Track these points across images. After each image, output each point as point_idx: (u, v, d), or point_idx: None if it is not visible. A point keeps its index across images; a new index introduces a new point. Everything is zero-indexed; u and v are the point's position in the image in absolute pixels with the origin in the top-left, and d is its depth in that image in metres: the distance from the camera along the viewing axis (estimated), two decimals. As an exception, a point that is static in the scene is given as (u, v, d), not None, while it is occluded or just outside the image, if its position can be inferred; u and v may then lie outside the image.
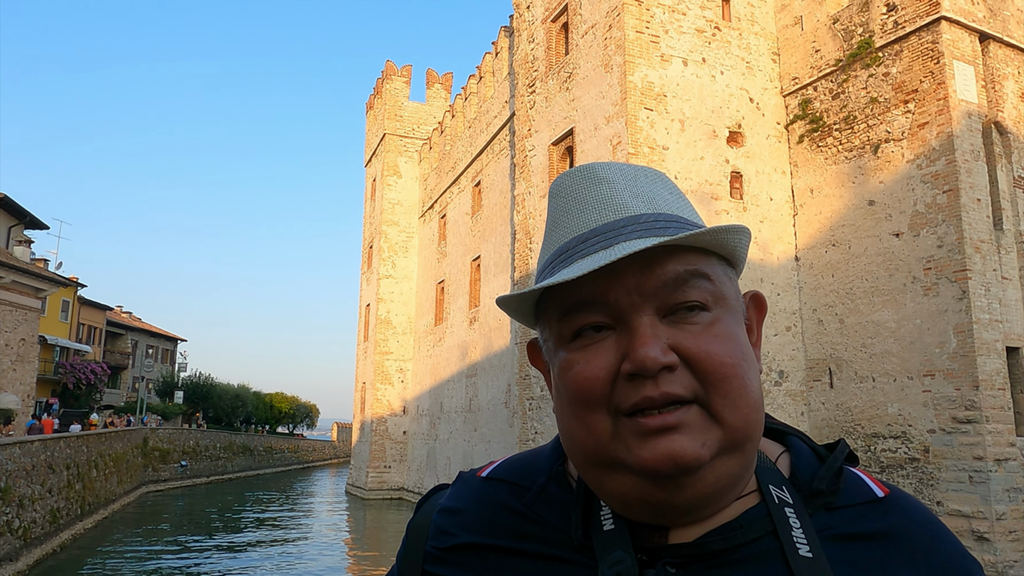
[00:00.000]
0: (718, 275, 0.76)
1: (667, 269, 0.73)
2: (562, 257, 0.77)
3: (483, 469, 0.90)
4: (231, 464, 49.49)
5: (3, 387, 27.16)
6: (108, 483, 27.71)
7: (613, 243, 0.74)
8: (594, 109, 16.80)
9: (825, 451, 0.83)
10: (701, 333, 0.73)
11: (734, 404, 0.71)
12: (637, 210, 0.76)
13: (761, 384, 0.78)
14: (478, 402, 27.51)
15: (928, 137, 13.78)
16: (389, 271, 38.06)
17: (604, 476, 0.73)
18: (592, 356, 0.73)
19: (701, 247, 0.76)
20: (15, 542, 16.45)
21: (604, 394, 0.72)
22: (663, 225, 0.75)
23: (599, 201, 0.78)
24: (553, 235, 0.81)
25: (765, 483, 0.77)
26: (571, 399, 0.74)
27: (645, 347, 0.70)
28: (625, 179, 0.79)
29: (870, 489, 0.79)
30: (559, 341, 0.77)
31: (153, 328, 59.32)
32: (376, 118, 41.36)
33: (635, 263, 0.73)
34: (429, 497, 0.93)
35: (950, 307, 13.09)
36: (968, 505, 12.44)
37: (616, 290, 0.73)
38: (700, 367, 0.71)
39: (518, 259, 20.25)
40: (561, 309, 0.76)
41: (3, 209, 31.75)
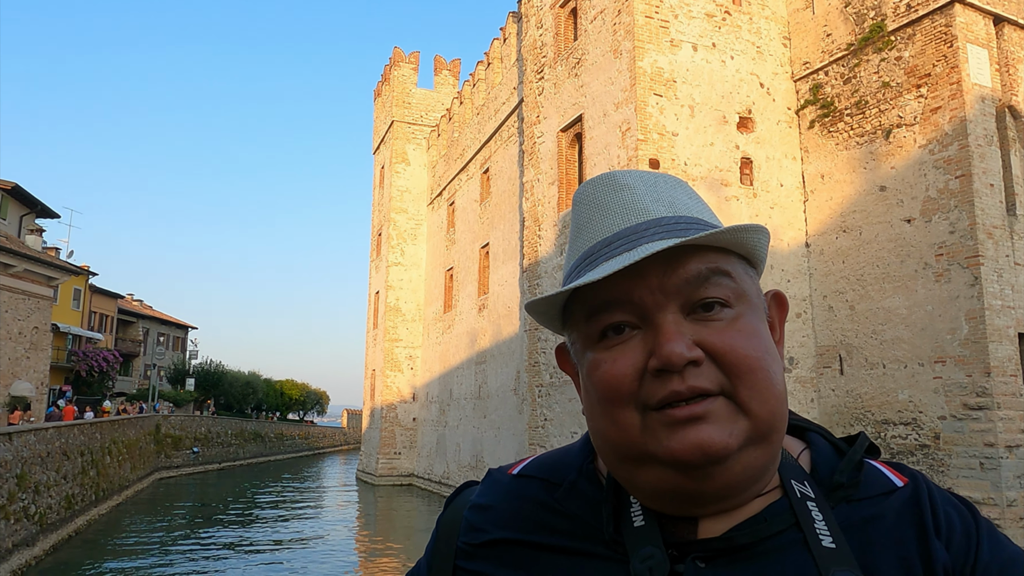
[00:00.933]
0: (739, 273, 0.79)
1: (689, 268, 0.76)
2: (587, 261, 0.80)
3: (513, 467, 0.92)
4: (242, 451, 49.88)
5: (17, 375, 27.43)
6: (122, 469, 28.01)
7: (636, 245, 0.76)
8: (603, 95, 16.71)
9: (845, 445, 0.84)
10: (725, 328, 0.75)
11: (760, 396, 0.74)
12: (658, 213, 0.79)
13: (785, 379, 0.80)
14: (487, 389, 27.59)
15: (941, 122, 13.65)
16: (398, 258, 38.11)
17: (635, 469, 0.76)
18: (619, 355, 0.76)
19: (721, 246, 0.78)
20: (31, 527, 16.67)
21: (632, 391, 0.74)
22: (684, 227, 0.78)
23: (622, 206, 0.80)
24: (578, 240, 0.83)
25: (787, 478, 0.79)
26: (600, 397, 0.77)
27: (670, 343, 0.73)
28: (646, 185, 0.82)
29: (889, 480, 0.81)
30: (586, 342, 0.80)
31: (164, 316, 59.69)
32: (384, 105, 41.28)
33: (658, 263, 0.75)
34: (459, 493, 0.95)
35: (962, 293, 13.01)
36: (979, 492, 12.42)
37: (640, 289, 0.75)
38: (725, 361, 0.73)
39: (527, 246, 20.23)
40: (588, 310, 0.79)
41: (14, 198, 31.93)
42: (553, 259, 18.51)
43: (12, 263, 25.98)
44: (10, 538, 15.24)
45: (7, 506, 15.30)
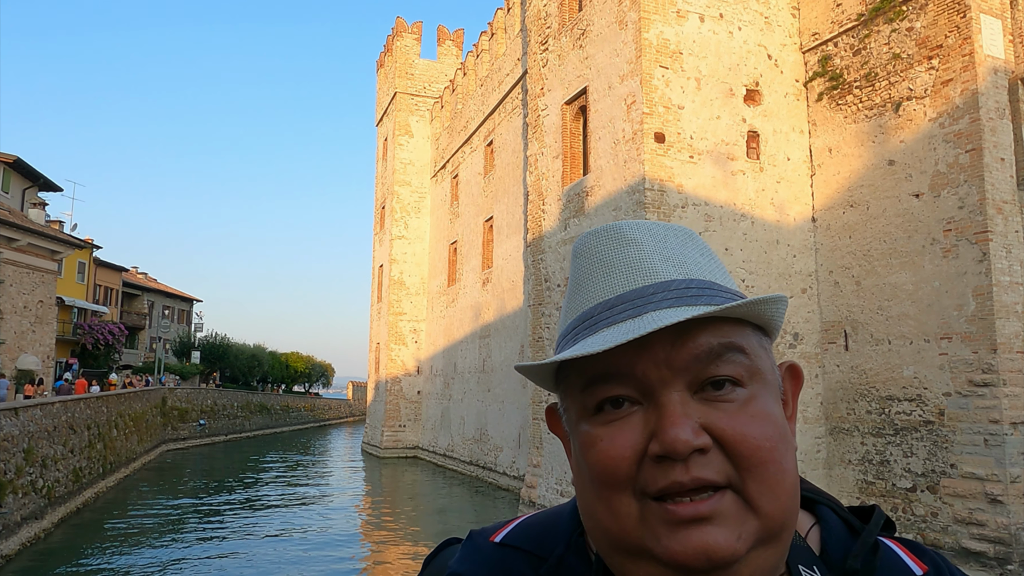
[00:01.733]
0: (753, 347, 0.71)
1: (699, 342, 0.68)
2: (586, 323, 0.72)
3: (496, 532, 0.84)
4: (248, 423, 50.28)
5: (23, 348, 27.57)
6: (128, 442, 28.24)
7: (642, 311, 0.69)
8: (608, 67, 16.46)
9: (858, 522, 0.77)
10: (736, 412, 0.68)
11: (771, 491, 0.66)
12: (667, 275, 0.71)
13: (797, 464, 0.72)
14: (491, 363, 27.64)
15: (952, 94, 13.40)
16: (402, 232, 37.99)
17: (628, 563, 0.69)
18: (617, 433, 0.68)
19: (736, 316, 0.71)
20: (39, 501, 16.84)
21: (629, 475, 0.67)
22: (695, 293, 0.70)
23: (627, 264, 0.73)
24: (577, 298, 0.75)
25: (795, 563, 0.72)
26: (594, 478, 0.70)
27: (675, 427, 0.65)
28: (654, 240, 0.74)
29: (907, 568, 0.74)
30: (581, 413, 0.72)
31: (169, 289, 59.81)
32: (387, 76, 40.86)
33: (665, 335, 0.68)
34: (438, 554, 0.88)
35: (969, 269, 12.88)
36: (982, 468, 12.41)
37: (644, 363, 0.68)
38: (735, 450, 0.66)
39: (531, 221, 20.10)
40: (584, 380, 0.71)
41: (17, 172, 31.82)
42: (557, 234, 18.39)
43: (15, 237, 25.96)
44: (19, 511, 15.40)
45: (15, 480, 15.43)
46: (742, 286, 15.25)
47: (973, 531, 12.42)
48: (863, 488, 14.65)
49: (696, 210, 15.04)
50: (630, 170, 15.29)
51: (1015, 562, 11.81)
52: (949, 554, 12.75)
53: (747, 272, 15.34)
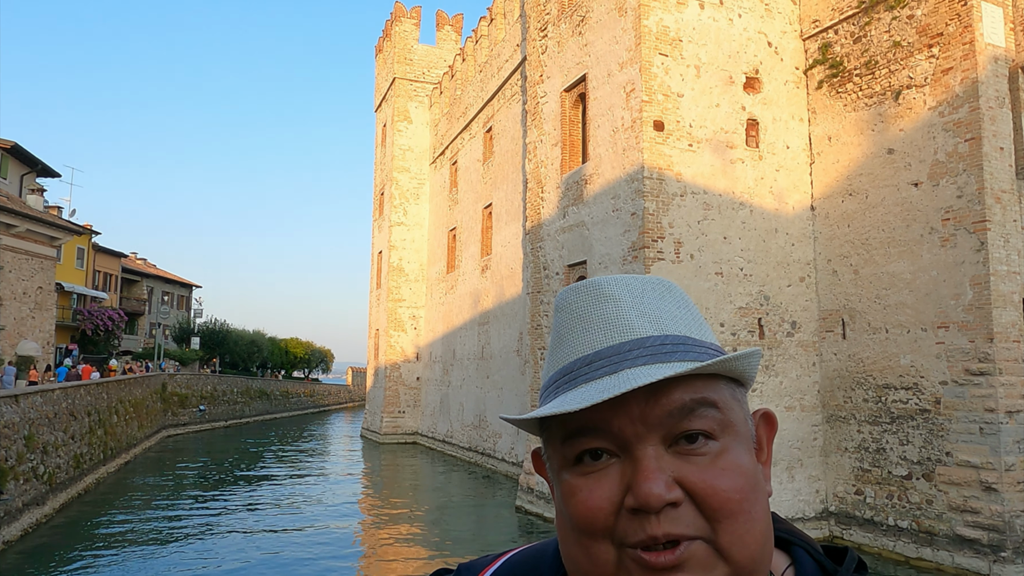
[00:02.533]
0: (726, 400, 0.75)
1: (673, 398, 0.72)
2: (566, 378, 0.76)
3: (485, 569, 0.88)
4: (248, 408, 50.44)
5: (23, 334, 27.62)
6: (129, 428, 28.35)
7: (619, 368, 0.72)
8: (607, 55, 16.39)
9: (831, 563, 0.80)
10: (707, 466, 0.71)
11: (741, 541, 0.70)
12: (643, 332, 0.75)
13: (769, 511, 0.76)
14: (490, 350, 27.71)
15: (952, 83, 13.37)
16: (400, 218, 37.96)
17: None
18: (595, 484, 0.72)
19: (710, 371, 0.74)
20: (41, 487, 16.94)
21: (607, 526, 0.71)
22: (669, 349, 0.74)
23: (604, 321, 0.76)
24: (558, 352, 0.79)
25: None
26: (574, 527, 0.74)
27: (648, 482, 0.69)
28: (632, 296, 0.78)
29: None
30: (562, 463, 0.76)
31: (168, 275, 59.81)
32: (386, 62, 40.67)
33: (640, 392, 0.71)
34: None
35: (967, 259, 12.91)
36: (977, 456, 12.50)
37: (620, 419, 0.72)
38: (706, 503, 0.70)
39: (530, 208, 20.08)
40: (564, 432, 0.75)
41: (15, 157, 31.73)
42: (556, 222, 18.38)
43: (14, 223, 25.94)
44: (20, 498, 15.49)
45: (16, 467, 15.51)
46: (740, 275, 15.28)
47: (967, 518, 12.53)
48: (859, 476, 14.76)
49: (695, 198, 15.03)
50: (629, 158, 15.27)
51: (1008, 549, 11.92)
52: (943, 541, 12.87)
53: (745, 261, 15.36)
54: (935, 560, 12.94)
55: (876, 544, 14.08)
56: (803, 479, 15.34)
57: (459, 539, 16.37)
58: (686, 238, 14.85)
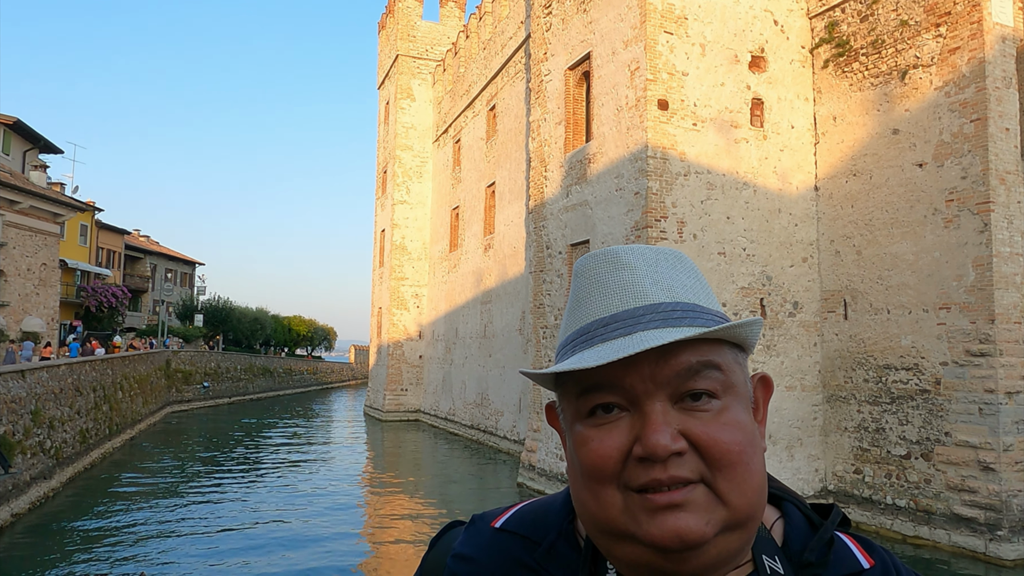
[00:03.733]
0: (728, 363, 0.81)
1: (680, 360, 0.78)
2: (583, 338, 0.82)
3: (497, 518, 0.94)
4: (252, 385, 50.74)
5: (28, 311, 27.75)
6: (134, 404, 28.58)
7: (632, 331, 0.78)
8: (612, 32, 16.28)
9: (818, 517, 0.87)
10: (710, 421, 0.78)
11: (739, 488, 0.77)
12: (656, 298, 0.81)
13: (764, 465, 0.82)
14: (493, 328, 27.80)
15: (959, 63, 13.28)
16: (403, 196, 37.90)
17: (613, 544, 0.79)
18: (606, 435, 0.78)
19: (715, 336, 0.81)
20: (48, 461, 17.13)
21: (615, 471, 0.77)
22: (680, 315, 0.80)
23: (620, 286, 0.82)
24: (576, 314, 0.85)
25: (759, 553, 0.82)
26: (584, 473, 0.80)
27: (656, 434, 0.75)
28: (647, 265, 0.83)
29: (856, 560, 0.84)
30: (576, 415, 0.82)
31: (171, 252, 59.87)
32: (388, 38, 40.38)
33: (651, 353, 0.77)
34: (443, 534, 0.99)
35: (970, 240, 12.91)
36: (976, 436, 12.59)
37: (632, 377, 0.78)
38: (708, 453, 0.76)
39: (533, 187, 20.05)
40: (580, 388, 0.81)
41: (17, 133, 31.67)
42: (559, 201, 18.37)
43: (17, 199, 25.96)
44: (28, 471, 15.68)
45: (23, 441, 15.68)
46: (743, 255, 15.30)
47: (965, 497, 12.65)
48: (858, 455, 14.87)
49: (698, 178, 15.01)
50: (633, 137, 15.23)
51: (1005, 528, 12.05)
52: (940, 520, 13.00)
53: (748, 241, 15.37)
54: (932, 538, 13.08)
55: (874, 522, 14.23)
56: (803, 458, 15.47)
57: (462, 513, 16.55)
58: (689, 218, 14.85)
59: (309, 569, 12.12)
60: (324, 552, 13.16)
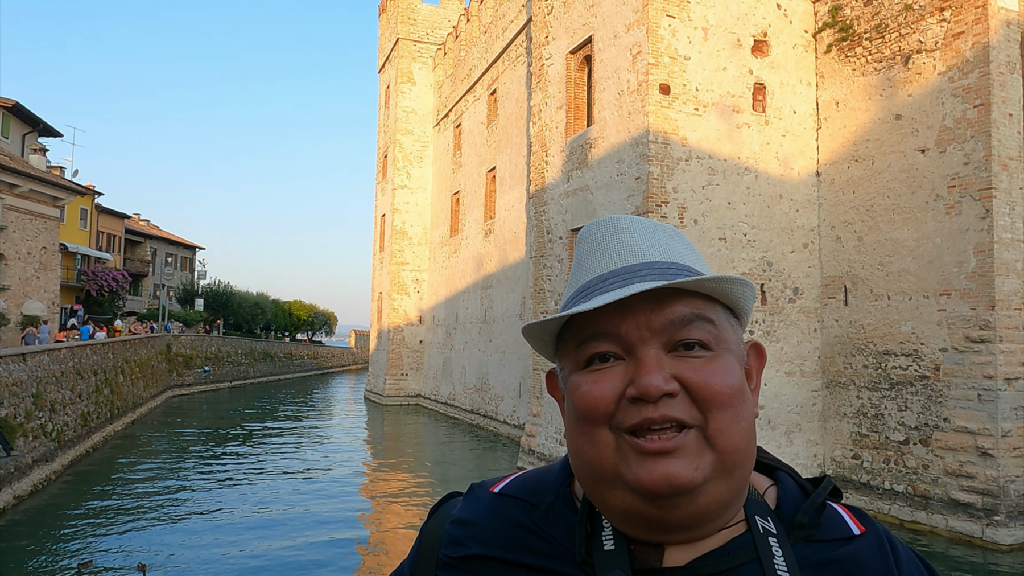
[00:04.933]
0: (721, 321, 0.84)
1: (675, 309, 0.81)
2: (583, 294, 0.85)
3: (495, 484, 0.96)
4: (253, 369, 50.85)
5: (28, 294, 27.75)
6: (135, 388, 28.66)
7: (628, 283, 0.82)
8: (614, 16, 16.17)
9: (810, 486, 0.89)
10: (702, 366, 0.80)
11: (728, 431, 0.79)
12: (652, 257, 0.85)
13: (755, 422, 0.84)
14: (493, 313, 27.83)
15: (963, 48, 13.20)
16: (404, 181, 37.80)
17: (606, 492, 0.81)
18: (601, 379, 0.81)
19: (707, 294, 0.84)
20: (49, 444, 17.20)
21: (608, 412, 0.79)
22: (675, 272, 0.83)
23: (619, 247, 0.86)
24: (577, 274, 0.89)
25: (752, 514, 0.83)
26: (579, 416, 0.82)
27: (649, 375, 0.78)
28: (645, 231, 0.88)
29: (848, 526, 0.85)
30: (574, 366, 0.85)
31: (171, 236, 59.82)
32: (389, 22, 40.12)
33: (646, 301, 0.81)
34: (442, 504, 1.00)
35: (972, 226, 12.88)
36: (974, 422, 12.62)
37: (627, 324, 0.81)
38: (699, 395, 0.79)
39: (534, 172, 20.00)
40: (579, 339, 0.84)
41: (16, 117, 31.55)
42: (560, 186, 18.32)
43: (17, 183, 25.90)
44: (29, 454, 15.74)
45: (25, 424, 15.74)
46: (743, 240, 15.28)
47: (963, 483, 12.70)
48: (857, 440, 14.92)
49: (700, 163, 14.96)
50: (634, 122, 15.16)
51: (1002, 513, 12.10)
52: (938, 505, 13.06)
53: (749, 227, 15.34)
54: (929, 523, 13.15)
55: (872, 507, 14.30)
56: (801, 443, 15.52)
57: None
58: (690, 203, 14.81)
59: (309, 546, 12.20)
60: (325, 533, 13.23)
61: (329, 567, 11.52)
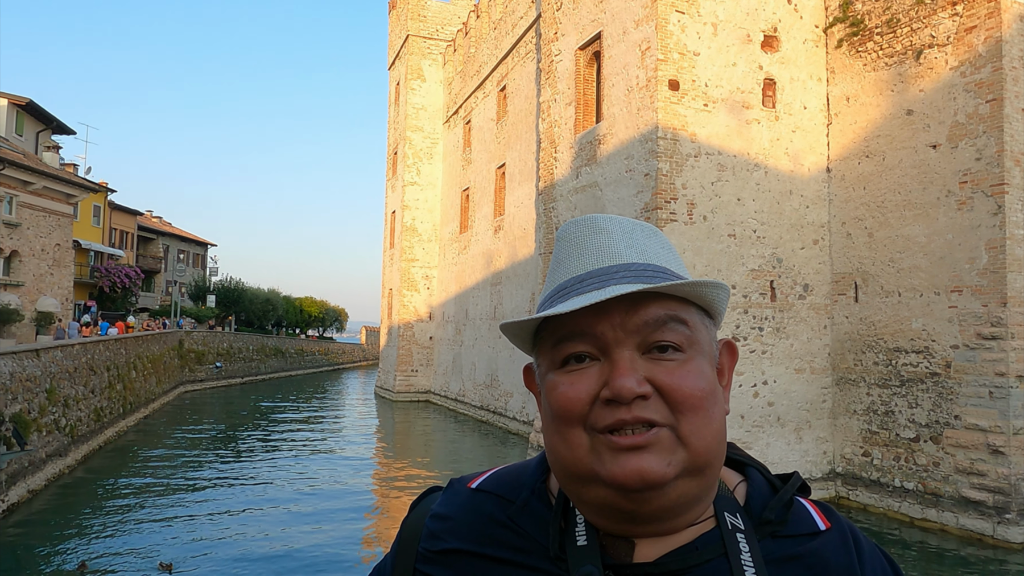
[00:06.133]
0: (695, 322, 0.86)
1: (649, 311, 0.82)
2: (560, 294, 0.87)
3: (473, 480, 0.98)
4: (264, 366, 51.11)
5: (42, 291, 28.00)
6: (147, 383, 28.88)
7: (605, 285, 0.83)
8: (623, 12, 16.13)
9: (779, 483, 0.90)
10: (675, 369, 0.82)
11: (699, 431, 0.81)
12: (629, 259, 0.86)
13: (725, 421, 0.86)
14: (503, 310, 27.85)
15: (975, 42, 13.08)
16: (414, 178, 37.86)
17: (581, 487, 0.83)
18: (576, 380, 0.83)
19: (682, 296, 0.85)
20: (63, 439, 17.37)
21: (583, 413, 0.81)
22: (651, 274, 0.84)
23: (597, 248, 0.87)
24: (555, 274, 0.90)
25: (721, 510, 0.85)
26: (554, 416, 0.84)
27: (623, 377, 0.80)
28: (623, 231, 0.89)
29: (814, 522, 0.87)
30: (550, 366, 0.87)
31: (183, 233, 60.18)
32: (399, 18, 40.15)
33: (622, 304, 0.82)
34: (423, 499, 1.02)
35: (984, 222, 12.78)
36: (986, 420, 12.54)
37: (603, 325, 0.82)
38: (671, 397, 0.81)
39: (543, 168, 19.99)
40: (555, 338, 0.85)
41: (30, 114, 31.80)
42: (569, 182, 18.31)
43: (31, 180, 26.12)
44: (43, 449, 15.91)
45: (39, 419, 15.90)
46: (753, 237, 15.22)
47: (973, 480, 12.63)
48: (867, 437, 14.86)
49: (709, 159, 14.91)
50: (643, 118, 15.13)
51: (1013, 511, 12.03)
52: (948, 503, 12.99)
53: (759, 223, 15.28)
54: (940, 521, 13.08)
55: (882, 505, 14.24)
56: (811, 440, 15.47)
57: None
58: (699, 199, 14.77)
59: (322, 541, 12.27)
60: (336, 528, 13.31)
61: (341, 563, 11.59)
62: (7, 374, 14.58)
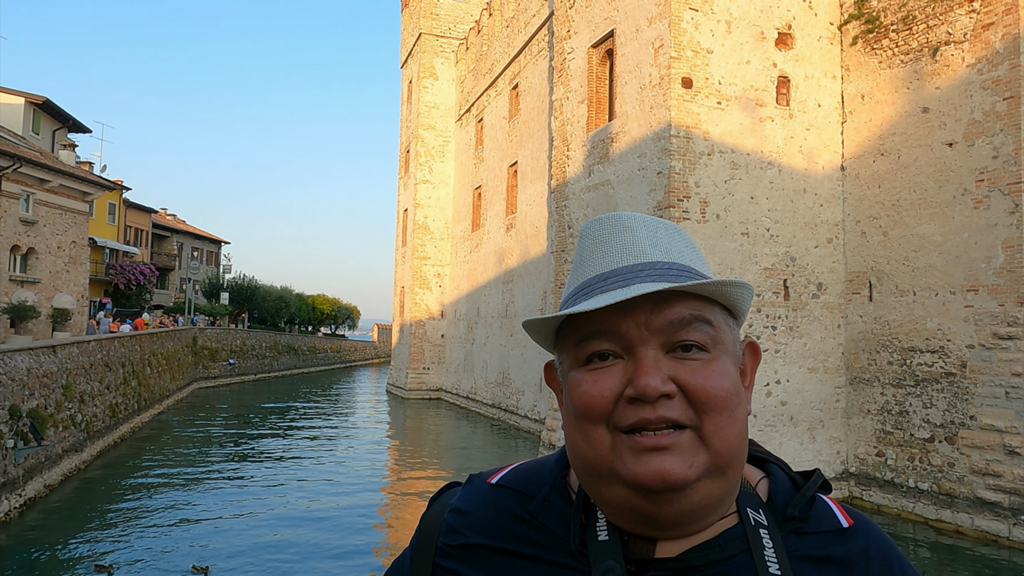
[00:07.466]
0: (719, 322, 0.85)
1: (674, 311, 0.82)
2: (584, 291, 0.86)
3: (493, 475, 0.98)
4: (277, 363, 51.38)
5: (58, 288, 28.26)
6: (161, 380, 29.10)
7: (630, 283, 0.83)
8: (636, 9, 16.08)
9: (801, 479, 0.90)
10: (699, 368, 0.82)
11: (722, 432, 0.80)
12: (654, 257, 0.85)
13: (748, 421, 0.85)
14: (514, 308, 27.85)
15: (992, 39, 12.95)
16: (426, 176, 37.92)
17: (601, 486, 0.82)
18: (600, 378, 0.82)
19: (707, 296, 0.85)
20: (79, 435, 17.54)
21: (606, 412, 0.81)
22: (675, 273, 0.84)
23: (622, 246, 0.87)
24: (579, 271, 0.90)
25: (743, 506, 0.85)
26: (577, 414, 0.84)
27: (647, 376, 0.79)
28: (647, 229, 0.88)
29: (837, 519, 0.87)
30: (573, 363, 0.86)
31: (197, 230, 60.57)
32: (412, 16, 40.20)
33: (647, 302, 0.82)
34: (442, 493, 1.02)
35: (1000, 221, 12.66)
36: (1002, 420, 12.43)
37: (627, 324, 0.82)
38: (695, 397, 0.80)
39: (555, 166, 19.97)
40: (579, 336, 0.85)
41: (46, 113, 32.08)
42: (581, 180, 18.28)
43: (47, 178, 26.36)
44: (59, 444, 16.07)
45: (55, 415, 16.06)
46: (766, 235, 15.15)
47: (989, 481, 12.52)
48: (881, 437, 14.76)
49: (722, 157, 14.85)
50: (656, 116, 15.08)
51: (1029, 512, 11.91)
52: (963, 503, 12.89)
53: (772, 221, 15.20)
54: (955, 522, 12.98)
55: (896, 505, 14.15)
56: (824, 440, 15.39)
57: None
58: (712, 198, 14.71)
59: (338, 539, 12.34)
60: (347, 523, 13.38)
61: (355, 558, 11.65)
62: (24, 370, 14.73)
